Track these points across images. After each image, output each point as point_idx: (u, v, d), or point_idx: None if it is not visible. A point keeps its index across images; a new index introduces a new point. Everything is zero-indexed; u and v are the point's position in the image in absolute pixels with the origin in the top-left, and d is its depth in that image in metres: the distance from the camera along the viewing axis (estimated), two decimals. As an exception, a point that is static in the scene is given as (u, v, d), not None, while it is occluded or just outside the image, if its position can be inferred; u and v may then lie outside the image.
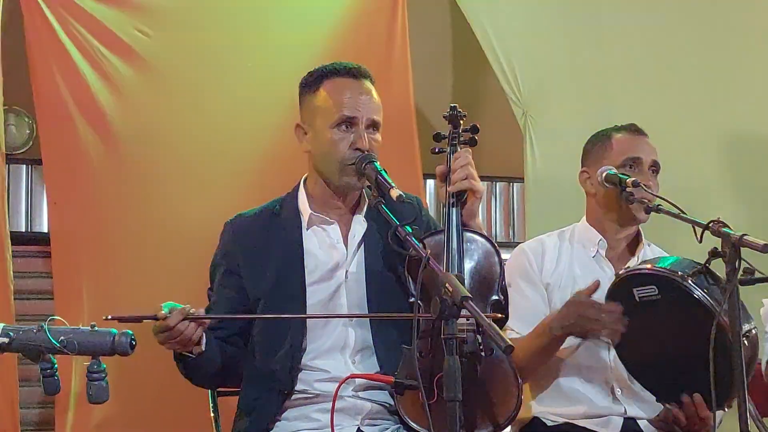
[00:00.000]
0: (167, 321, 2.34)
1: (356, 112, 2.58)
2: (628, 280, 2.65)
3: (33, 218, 3.62)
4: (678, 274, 2.53)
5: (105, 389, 2.02)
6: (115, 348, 1.99)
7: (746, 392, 2.27)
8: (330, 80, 2.64)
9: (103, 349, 1.99)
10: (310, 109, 2.66)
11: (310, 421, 2.55)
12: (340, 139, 2.58)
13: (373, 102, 2.63)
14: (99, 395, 2.01)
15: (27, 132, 3.60)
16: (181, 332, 2.36)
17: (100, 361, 2.01)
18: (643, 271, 2.65)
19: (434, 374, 2.32)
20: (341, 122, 2.58)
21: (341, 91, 2.61)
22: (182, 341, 2.39)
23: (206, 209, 3.39)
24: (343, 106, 2.58)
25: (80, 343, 1.98)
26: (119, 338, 1.99)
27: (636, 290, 2.61)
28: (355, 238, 2.67)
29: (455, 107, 2.68)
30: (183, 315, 2.35)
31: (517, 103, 4.02)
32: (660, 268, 2.60)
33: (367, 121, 2.59)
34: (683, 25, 4.27)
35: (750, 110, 4.32)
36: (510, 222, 4.24)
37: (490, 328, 1.97)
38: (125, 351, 2.00)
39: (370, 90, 2.64)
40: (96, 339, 1.99)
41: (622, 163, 2.89)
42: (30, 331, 1.98)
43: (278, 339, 2.60)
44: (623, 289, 2.65)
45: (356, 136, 2.57)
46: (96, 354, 2.00)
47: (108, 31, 3.53)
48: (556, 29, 4.15)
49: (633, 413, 2.83)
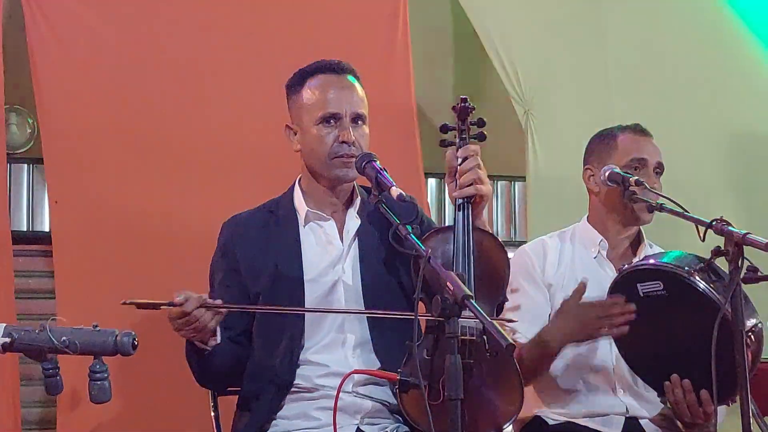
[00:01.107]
0: (184, 306, 2.35)
1: (339, 107, 2.62)
2: (631, 275, 2.65)
3: (34, 217, 3.61)
4: (684, 269, 2.53)
5: (107, 389, 2.01)
6: (117, 348, 1.98)
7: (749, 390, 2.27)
8: (312, 78, 2.68)
9: (105, 349, 1.98)
10: (296, 108, 2.71)
11: (310, 420, 2.55)
12: (326, 134, 2.62)
13: (356, 95, 2.67)
14: (101, 395, 2.01)
15: (28, 131, 3.59)
16: (197, 319, 2.38)
17: (102, 360, 2.01)
18: (648, 266, 2.64)
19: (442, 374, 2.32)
20: (326, 118, 2.62)
21: (324, 88, 2.65)
22: (198, 328, 2.40)
23: (207, 209, 3.39)
24: (326, 102, 2.63)
25: (82, 343, 1.97)
26: (121, 338, 1.99)
27: (640, 285, 2.61)
28: (349, 234, 2.68)
29: (465, 99, 2.66)
30: (200, 302, 2.37)
31: (519, 101, 4.01)
32: (665, 263, 2.60)
33: (351, 114, 2.63)
34: (684, 24, 4.27)
35: (752, 109, 4.31)
36: (512, 221, 4.24)
37: (492, 327, 1.97)
38: (127, 351, 1.99)
39: (353, 84, 2.68)
40: (98, 339, 1.98)
41: (627, 163, 2.89)
42: (32, 331, 1.97)
43: (277, 334, 2.61)
44: (626, 285, 2.64)
45: (341, 130, 2.61)
46: (98, 354, 1.99)
47: (108, 31, 3.53)
48: (558, 27, 4.15)
49: (635, 412, 2.83)
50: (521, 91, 4.01)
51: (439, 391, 2.29)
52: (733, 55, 4.32)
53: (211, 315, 2.41)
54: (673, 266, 2.56)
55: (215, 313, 2.42)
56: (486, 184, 2.57)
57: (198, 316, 2.38)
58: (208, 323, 2.40)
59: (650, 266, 2.63)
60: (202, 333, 2.44)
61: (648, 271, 2.62)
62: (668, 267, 2.58)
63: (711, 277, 2.50)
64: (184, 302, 2.36)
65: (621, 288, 2.65)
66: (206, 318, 2.40)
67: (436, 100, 4.02)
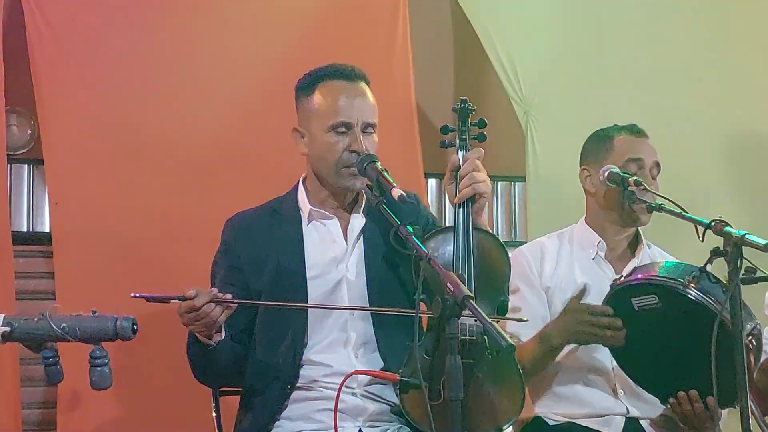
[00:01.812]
0: (194, 301, 2.36)
1: (351, 116, 2.60)
2: (624, 290, 2.65)
3: (35, 218, 3.61)
4: (678, 281, 2.53)
5: (108, 375, 2.00)
6: (117, 333, 1.98)
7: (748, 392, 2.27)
8: (324, 83, 2.65)
9: (105, 335, 1.98)
10: (305, 112, 2.68)
11: (312, 422, 2.56)
12: (336, 142, 2.60)
13: (368, 104, 2.64)
14: (102, 381, 2.00)
15: (29, 132, 3.59)
16: (207, 314, 2.38)
17: (102, 346, 2.00)
18: (638, 281, 2.63)
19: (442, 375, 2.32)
20: (336, 126, 2.60)
21: (335, 95, 2.62)
22: (207, 323, 2.41)
23: (208, 210, 3.38)
24: (337, 110, 2.60)
25: (82, 329, 1.96)
26: (121, 323, 1.98)
27: (634, 300, 2.61)
28: (353, 233, 2.68)
29: (465, 100, 2.67)
30: (210, 297, 2.38)
31: (519, 102, 4.01)
32: (659, 276, 2.60)
33: (362, 124, 2.61)
34: (684, 24, 4.26)
35: (752, 108, 4.31)
36: (512, 221, 4.23)
37: (492, 328, 1.97)
38: (127, 336, 1.98)
39: (365, 92, 2.65)
40: (98, 324, 1.97)
41: (623, 164, 2.89)
42: (31, 319, 1.96)
43: (280, 333, 2.61)
44: (620, 299, 2.64)
45: (352, 139, 2.59)
46: (98, 340, 1.99)
47: (109, 33, 3.53)
48: (558, 28, 4.15)
49: (635, 413, 2.83)
50: (521, 92, 4.00)
51: (440, 391, 2.29)
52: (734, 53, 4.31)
53: (220, 310, 2.41)
54: (664, 278, 2.57)
55: (225, 308, 2.42)
56: (484, 182, 2.58)
57: (208, 311, 2.38)
58: (217, 318, 2.41)
59: (641, 281, 2.63)
60: (210, 328, 2.44)
61: (642, 286, 2.62)
62: (663, 280, 2.58)
63: (707, 283, 2.50)
64: (194, 296, 2.36)
65: (615, 302, 2.65)
66: (216, 313, 2.40)
67: (436, 102, 4.01)
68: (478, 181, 2.56)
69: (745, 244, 2.34)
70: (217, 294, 2.40)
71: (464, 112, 2.67)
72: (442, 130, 2.69)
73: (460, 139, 2.65)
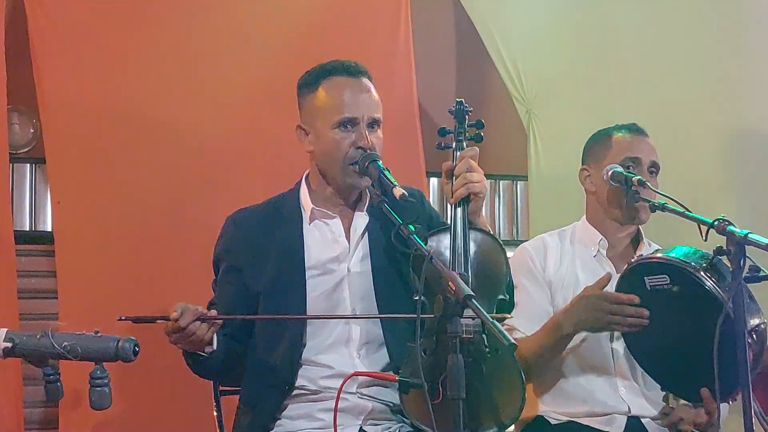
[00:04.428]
0: (179, 322, 2.35)
1: (356, 111, 2.58)
2: (639, 268, 2.65)
3: (37, 217, 3.61)
4: (691, 265, 2.53)
5: (107, 396, 2.01)
6: (118, 354, 1.98)
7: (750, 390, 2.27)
8: (328, 80, 2.63)
9: (106, 355, 1.99)
10: (309, 109, 2.66)
11: (313, 420, 2.55)
12: (341, 138, 2.58)
13: (373, 99, 2.63)
14: (101, 402, 2.01)
15: (31, 131, 3.59)
16: (193, 332, 2.37)
17: (103, 367, 2.01)
18: (656, 259, 2.64)
19: (440, 373, 2.32)
20: (342, 122, 2.58)
21: (340, 91, 2.60)
22: (194, 341, 2.40)
23: (211, 208, 3.38)
24: (343, 107, 2.58)
25: (83, 349, 1.97)
26: (123, 344, 1.98)
27: (647, 278, 2.61)
28: (357, 232, 2.67)
29: (461, 102, 2.67)
30: (195, 316, 2.36)
31: (521, 101, 4.02)
32: (673, 257, 2.60)
33: (368, 119, 2.59)
34: (686, 22, 4.27)
35: (754, 108, 4.31)
36: (513, 220, 4.23)
37: (494, 327, 1.97)
38: (128, 358, 1.99)
39: (369, 87, 2.64)
40: (99, 345, 1.98)
41: (621, 162, 2.89)
42: (33, 336, 1.97)
43: (278, 334, 2.60)
44: (634, 277, 2.64)
45: (358, 135, 2.57)
46: (99, 360, 1.99)
47: (111, 32, 3.53)
48: (560, 27, 4.15)
49: (637, 411, 2.83)
50: (523, 91, 4.01)
51: (439, 390, 2.29)
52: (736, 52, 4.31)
53: (206, 327, 2.40)
54: (681, 261, 2.56)
55: (211, 324, 2.41)
56: (479, 182, 2.57)
57: (194, 330, 2.37)
58: (203, 336, 2.40)
59: (658, 260, 2.63)
60: (198, 345, 2.44)
61: (656, 265, 2.62)
62: (676, 262, 2.57)
63: (717, 274, 2.51)
64: (179, 317, 2.35)
65: (629, 280, 2.65)
66: (202, 331, 2.39)
67: (438, 100, 4.01)
68: (472, 182, 2.56)
69: (748, 244, 2.34)
70: (202, 312, 2.38)
71: (460, 113, 2.67)
72: (440, 133, 2.69)
73: (456, 140, 2.66)
